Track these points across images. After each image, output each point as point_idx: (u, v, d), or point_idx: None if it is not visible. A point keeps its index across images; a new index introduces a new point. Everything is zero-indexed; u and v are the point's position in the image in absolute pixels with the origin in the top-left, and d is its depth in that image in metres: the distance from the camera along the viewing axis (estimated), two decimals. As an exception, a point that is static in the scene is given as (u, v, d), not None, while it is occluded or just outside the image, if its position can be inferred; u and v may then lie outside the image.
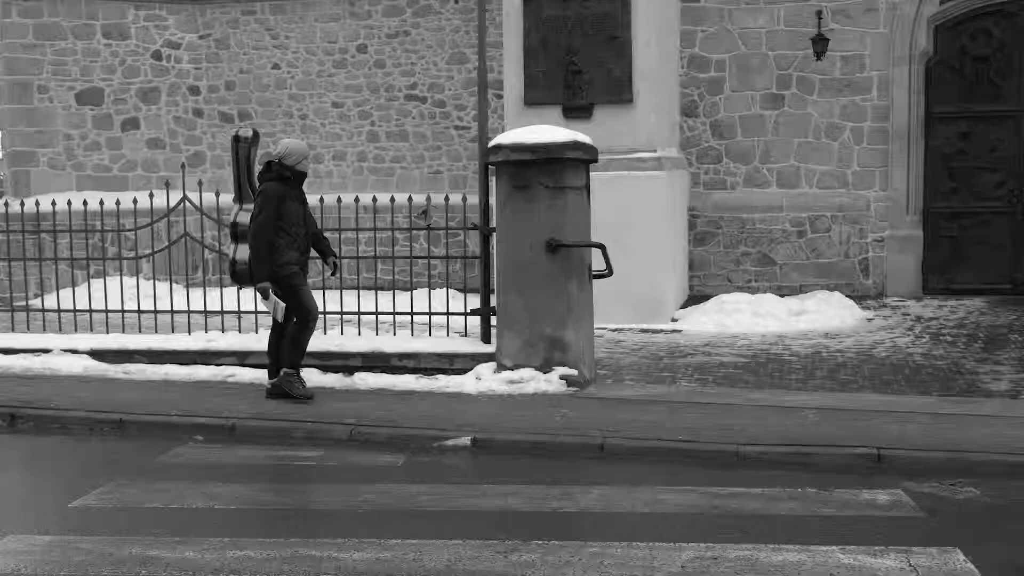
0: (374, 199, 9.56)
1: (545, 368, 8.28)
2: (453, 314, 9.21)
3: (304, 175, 7.95)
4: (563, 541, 5.16)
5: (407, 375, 8.57)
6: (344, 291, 9.75)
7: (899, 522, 5.43)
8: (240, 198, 8.49)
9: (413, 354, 8.72)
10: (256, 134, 8.71)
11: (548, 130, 8.27)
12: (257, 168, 8.37)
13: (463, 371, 8.56)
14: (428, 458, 6.80)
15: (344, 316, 9.58)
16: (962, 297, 13.47)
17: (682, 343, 10.79)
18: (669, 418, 7.41)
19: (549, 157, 8.11)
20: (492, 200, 8.73)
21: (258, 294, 7.94)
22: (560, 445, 6.90)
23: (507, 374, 8.27)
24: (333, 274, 8.23)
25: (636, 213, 11.86)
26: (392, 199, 9.39)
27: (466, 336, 9.22)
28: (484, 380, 8.31)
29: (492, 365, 8.49)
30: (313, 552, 5.02)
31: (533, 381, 8.19)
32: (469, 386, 8.25)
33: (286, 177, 7.83)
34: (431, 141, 15.49)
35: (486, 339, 8.85)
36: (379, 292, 10.03)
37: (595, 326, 11.43)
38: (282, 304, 7.85)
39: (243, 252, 8.09)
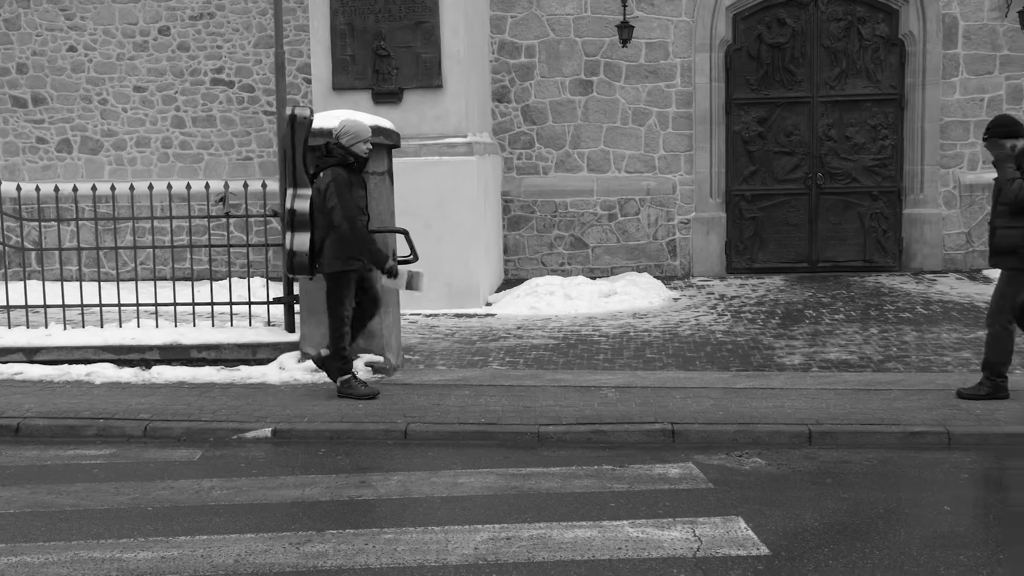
0: (169, 186, 9.22)
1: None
2: (255, 303, 8.98)
3: (365, 160, 7.45)
4: (358, 529, 5.11)
5: (208, 367, 8.32)
6: (142, 282, 9.38)
7: (688, 494, 5.59)
8: (295, 183, 7.68)
9: (214, 345, 8.46)
10: (313, 113, 7.91)
11: (349, 115, 8.14)
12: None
13: (266, 361, 8.37)
14: (226, 451, 6.62)
15: (140, 308, 9.20)
16: (763, 276, 14.03)
17: (495, 327, 10.86)
18: (473, 401, 7.43)
19: (351, 142, 7.97)
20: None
21: (385, 277, 7.52)
22: (363, 433, 6.83)
23: (311, 363, 8.12)
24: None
25: (449, 198, 11.88)
26: (188, 186, 9.05)
27: (270, 325, 9.02)
28: (288, 370, 8.14)
29: (296, 354, 8.33)
30: (95, 554, 4.81)
31: (338, 369, 8.06)
32: (272, 376, 8.07)
33: (349, 162, 7.38)
34: (240, 127, 15.07)
35: (290, 328, 8.68)
36: (183, 282, 9.70)
37: (410, 312, 11.45)
38: (420, 273, 7.60)
39: (301, 241, 7.48)
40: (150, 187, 8.97)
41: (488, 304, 12.21)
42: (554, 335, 10.32)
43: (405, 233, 8.16)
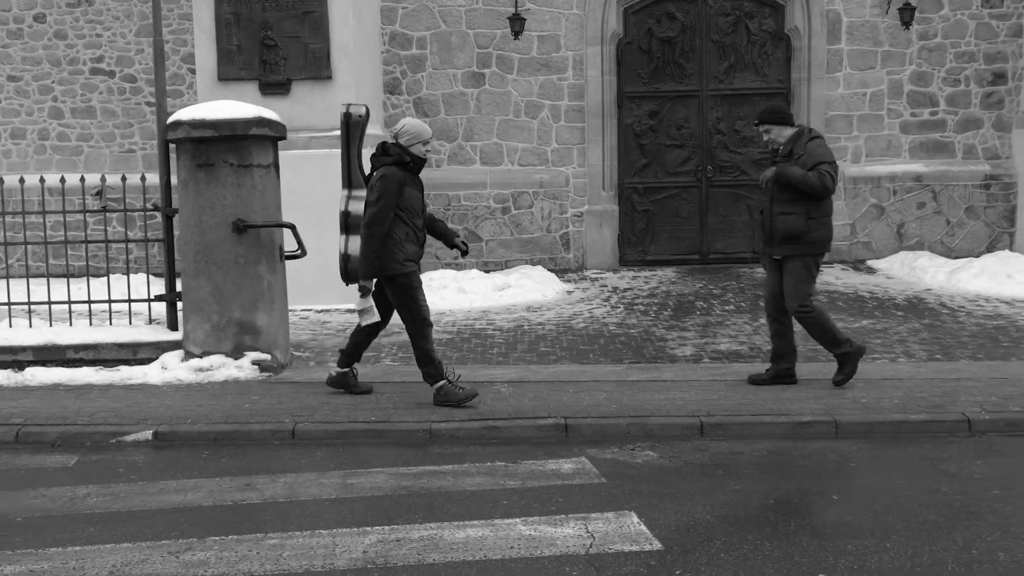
0: (42, 179, 8.81)
1: (236, 354, 7.95)
2: (135, 301, 8.66)
3: (423, 161, 7.05)
4: (242, 535, 4.92)
5: (86, 368, 7.99)
6: (14, 280, 8.98)
7: (581, 489, 5.54)
8: (350, 183, 7.23)
9: (92, 345, 8.13)
10: (368, 112, 7.45)
11: (232, 105, 7.91)
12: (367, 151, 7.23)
13: (148, 361, 8.08)
14: (104, 456, 6.34)
15: (13, 307, 8.79)
16: (655, 268, 14.14)
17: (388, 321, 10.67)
18: (363, 399, 7.28)
19: (234, 134, 7.75)
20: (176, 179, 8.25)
21: (359, 296, 7.07)
22: (249, 434, 6.62)
23: (195, 362, 7.86)
24: (464, 254, 7.43)
25: (340, 192, 11.63)
26: (62, 180, 8.67)
27: (152, 324, 8.71)
28: (170, 369, 7.87)
29: (179, 353, 8.06)
30: (-43, 570, 4.53)
31: (223, 368, 7.83)
32: (154, 377, 7.79)
33: (405, 162, 6.95)
34: (122, 118, 14.58)
35: (173, 326, 8.39)
36: (60, 280, 9.31)
37: (300, 307, 11.21)
38: (375, 315, 7.10)
39: (356, 245, 7.07)
40: (21, 180, 8.58)
41: (381, 299, 12.01)
42: (448, 329, 10.21)
43: (292, 228, 7.96)
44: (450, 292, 11.84)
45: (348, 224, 7.13)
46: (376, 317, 7.16)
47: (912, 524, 4.96)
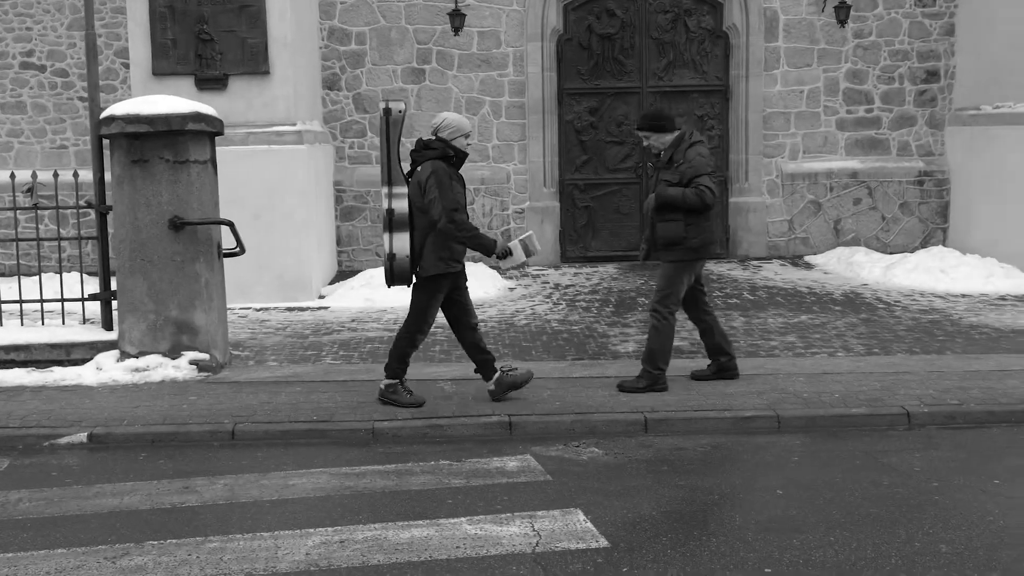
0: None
1: (173, 354, 7.80)
2: (68, 300, 8.46)
3: (466, 155, 6.91)
4: (181, 539, 4.82)
5: (17, 369, 7.79)
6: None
7: (527, 487, 5.51)
8: (389, 180, 6.92)
9: (23, 346, 7.92)
10: (407, 107, 7.13)
11: (168, 100, 7.76)
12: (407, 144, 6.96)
13: (82, 362, 7.89)
14: (37, 460, 6.18)
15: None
16: (597, 264, 14.16)
17: (329, 320, 10.58)
18: (306, 399, 7.18)
19: (170, 130, 7.60)
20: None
21: (499, 262, 6.88)
22: (187, 435, 6.50)
23: (131, 362, 7.70)
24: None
25: (279, 188, 11.53)
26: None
27: (86, 324, 8.51)
28: (106, 370, 7.69)
29: (115, 353, 7.88)
30: None
31: (160, 368, 7.68)
32: (88, 378, 7.61)
33: (449, 156, 6.79)
34: (54, 113, 14.24)
35: (108, 326, 8.21)
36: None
37: (240, 306, 11.06)
38: (530, 233, 6.94)
39: (402, 244, 6.77)
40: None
41: (321, 297, 11.91)
42: (389, 327, 10.12)
43: (230, 225, 7.83)
44: (391, 290, 11.72)
45: (392, 222, 6.82)
46: (521, 256, 6.92)
47: (855, 517, 5.00)
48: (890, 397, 7.02)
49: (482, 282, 12.19)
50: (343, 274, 13.44)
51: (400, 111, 6.90)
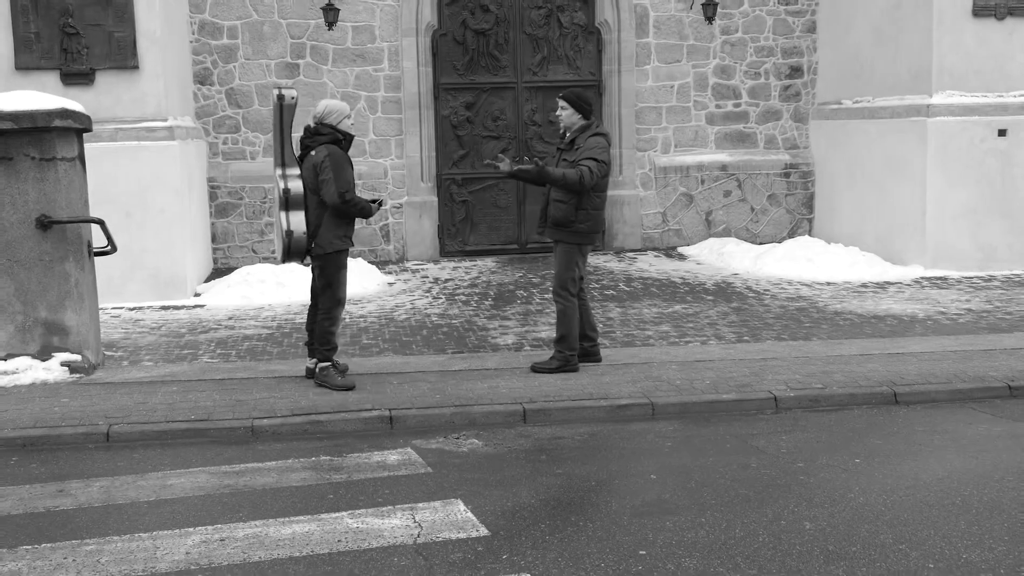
0: None
1: (44, 355, 7.60)
2: (-70, 303, 8.16)
3: (352, 136, 7.40)
4: (56, 543, 4.74)
5: None
6: None
7: (408, 480, 5.57)
8: (283, 162, 7.26)
9: None
10: (297, 95, 7.44)
11: (33, 96, 7.55)
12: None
13: (-54, 366, 7.63)
14: (-101, 468, 5.97)
15: None
16: (476, 258, 14.26)
17: (205, 318, 10.44)
18: (183, 398, 7.09)
19: (35, 126, 7.40)
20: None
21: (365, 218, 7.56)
22: (60, 438, 6.36)
23: (-1, 365, 7.49)
24: None
25: (150, 185, 11.32)
26: None
27: (-51, 327, 8.23)
28: (-29, 374, 7.46)
29: (-20, 356, 7.65)
30: None
31: (30, 371, 7.48)
32: (-47, 382, 7.37)
33: (339, 139, 7.24)
34: (-92, 109, 13.66)
35: (-27, 328, 7.95)
36: None
37: (113, 305, 10.82)
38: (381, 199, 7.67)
39: (298, 220, 7.16)
40: None
41: (197, 295, 11.72)
42: (267, 324, 10.04)
43: (101, 223, 7.66)
44: (268, 286, 11.62)
45: (289, 201, 7.22)
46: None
47: (725, 499, 5.21)
48: (759, 383, 7.30)
49: (361, 278, 12.17)
50: (219, 271, 13.25)
51: (293, 98, 7.36)
